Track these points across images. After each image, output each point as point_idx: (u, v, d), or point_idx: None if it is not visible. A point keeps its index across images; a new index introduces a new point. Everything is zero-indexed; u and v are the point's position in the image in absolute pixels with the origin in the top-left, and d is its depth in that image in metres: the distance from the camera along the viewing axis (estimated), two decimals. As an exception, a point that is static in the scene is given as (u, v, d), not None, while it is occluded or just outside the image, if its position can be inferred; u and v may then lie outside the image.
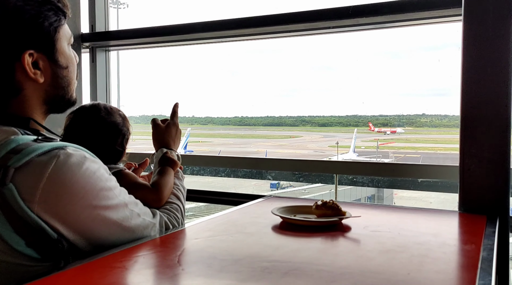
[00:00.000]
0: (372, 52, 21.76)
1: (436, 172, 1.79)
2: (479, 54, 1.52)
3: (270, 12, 2.23)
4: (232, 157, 2.22)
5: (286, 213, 1.36)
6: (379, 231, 1.22)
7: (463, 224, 1.37)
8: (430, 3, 1.83)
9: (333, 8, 2.04)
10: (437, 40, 17.75)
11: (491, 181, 1.49)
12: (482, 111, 1.52)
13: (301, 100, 31.88)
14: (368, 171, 1.99)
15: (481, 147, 1.51)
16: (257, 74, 30.78)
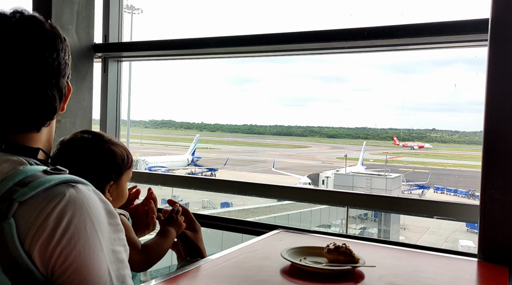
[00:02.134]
0: (382, 65, 21.79)
1: (454, 211, 1.70)
2: (506, 84, 1.46)
3: (285, 30, 2.19)
4: (237, 182, 2.15)
5: (296, 255, 1.29)
6: (395, 284, 1.14)
7: (483, 278, 1.29)
8: (450, 28, 1.77)
9: (349, 28, 1.99)
10: (446, 55, 17.80)
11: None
12: (507, 148, 1.44)
13: (311, 111, 31.78)
14: (381, 205, 1.91)
15: (504, 190, 1.43)
16: (267, 83, 30.84)
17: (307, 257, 1.28)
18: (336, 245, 1.25)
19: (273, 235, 1.56)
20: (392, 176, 14.64)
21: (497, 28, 1.48)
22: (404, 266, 1.32)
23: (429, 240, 13.54)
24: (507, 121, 1.44)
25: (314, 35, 2.06)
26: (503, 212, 1.42)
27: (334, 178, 16.34)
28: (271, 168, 21.13)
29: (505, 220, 1.41)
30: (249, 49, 2.31)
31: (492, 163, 1.46)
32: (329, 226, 11.75)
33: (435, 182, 15.80)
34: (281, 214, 12.34)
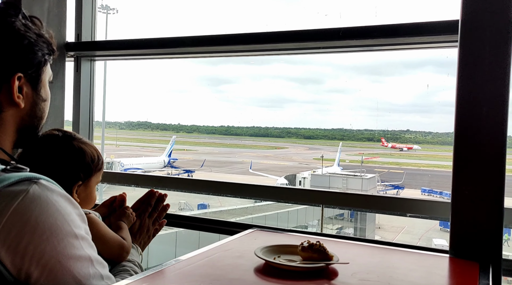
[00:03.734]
0: (356, 66, 22.05)
1: (426, 208, 1.73)
2: (474, 85, 1.48)
3: (260, 30, 2.18)
4: (211, 181, 2.13)
5: (270, 253, 1.28)
6: (368, 280, 1.14)
7: (454, 273, 1.31)
8: (423, 29, 1.80)
9: (324, 29, 2.00)
10: (418, 57, 18.25)
11: (484, 224, 1.43)
12: (477, 147, 1.47)
13: (288, 112, 32.02)
14: (356, 203, 1.92)
15: (474, 187, 1.46)
16: (244, 84, 30.82)
17: (281, 255, 1.27)
18: (310, 243, 1.24)
19: (248, 234, 1.55)
20: (367, 176, 14.85)
21: (466, 29, 1.50)
22: (378, 262, 1.33)
23: (404, 239, 13.79)
24: (477, 121, 1.47)
25: (290, 35, 2.07)
26: (473, 209, 1.44)
27: (311, 179, 16.47)
28: (248, 169, 21.14)
29: (475, 217, 1.44)
30: (225, 48, 2.30)
31: (462, 161, 1.48)
32: (306, 227, 11.83)
33: (409, 182, 16.09)
34: (258, 215, 12.34)
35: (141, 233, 1.39)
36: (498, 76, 1.46)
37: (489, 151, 1.45)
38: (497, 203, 1.43)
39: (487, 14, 1.47)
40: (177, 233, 8.00)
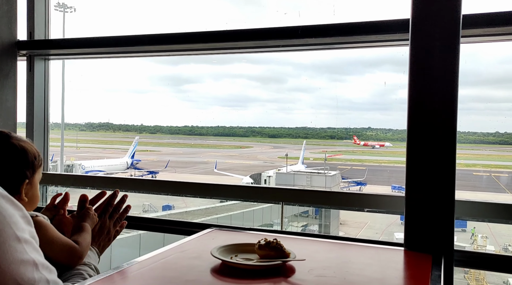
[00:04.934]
0: (316, 65, 22.40)
1: (383, 202, 1.76)
2: (425, 82, 1.52)
3: (220, 28, 2.16)
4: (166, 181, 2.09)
5: (227, 253, 1.26)
6: (325, 276, 1.14)
7: (408, 266, 1.33)
8: (378, 27, 1.83)
9: (283, 27, 2.01)
10: (376, 55, 18.78)
11: (436, 217, 1.47)
12: (428, 143, 1.50)
13: (251, 111, 32.07)
14: (316, 199, 1.93)
15: (426, 182, 1.49)
16: (206, 84, 30.57)
17: (238, 255, 1.26)
18: (267, 241, 1.24)
19: (206, 234, 1.53)
20: (331, 174, 15.08)
21: (416, 28, 1.54)
22: (335, 258, 1.34)
23: (367, 234, 14.09)
24: (428, 118, 1.51)
25: (249, 33, 2.06)
26: (425, 202, 1.48)
27: (275, 177, 16.55)
28: (213, 169, 21.01)
29: (428, 210, 1.48)
30: (184, 47, 2.27)
31: (415, 157, 1.52)
32: (272, 225, 11.87)
33: (371, 179, 16.45)
34: (224, 215, 12.28)
35: (101, 235, 1.35)
36: (447, 73, 1.50)
37: (440, 146, 1.49)
38: (449, 197, 1.47)
39: (436, 12, 1.51)
40: (141, 235, 7.85)
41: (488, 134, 13.74)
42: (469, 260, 1.61)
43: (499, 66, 15.40)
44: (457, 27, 1.50)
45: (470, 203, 1.67)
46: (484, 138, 14.10)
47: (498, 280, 9.18)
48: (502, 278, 8.88)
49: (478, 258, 1.65)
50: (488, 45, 1.94)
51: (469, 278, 9.23)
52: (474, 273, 9.02)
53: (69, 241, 1.19)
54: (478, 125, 17.54)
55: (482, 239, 10.18)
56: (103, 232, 1.35)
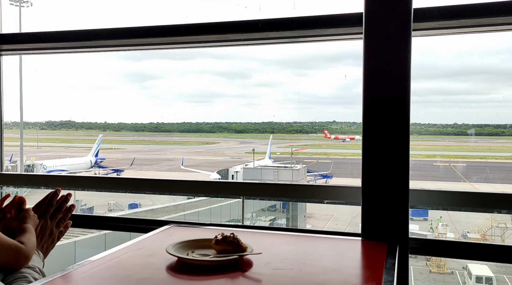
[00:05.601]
0: (279, 60, 22.53)
1: (341, 193, 1.78)
2: (378, 75, 1.54)
3: (180, 22, 2.12)
4: (120, 178, 2.04)
5: (183, 249, 1.24)
6: (281, 269, 1.14)
7: (365, 255, 1.35)
8: (335, 21, 1.84)
9: (243, 20, 1.99)
10: (338, 50, 19.11)
11: (392, 206, 1.49)
12: (382, 136, 1.53)
13: (218, 107, 31.89)
14: (275, 192, 1.93)
15: (381, 173, 1.52)
16: (170, 80, 30.14)
17: (195, 251, 1.24)
18: (224, 236, 1.22)
19: (163, 231, 1.50)
20: (297, 167, 15.23)
21: (369, 21, 1.55)
22: (293, 250, 1.34)
23: (333, 226, 14.36)
24: (382, 111, 1.53)
25: (210, 27, 2.03)
26: (381, 193, 1.50)
27: (243, 172, 16.57)
28: (180, 166, 20.81)
29: (383, 200, 1.50)
30: (143, 41, 2.21)
31: (370, 149, 1.54)
32: (240, 220, 11.89)
33: (335, 172, 16.72)
34: (191, 212, 12.21)
35: (43, 237, 1.29)
36: (400, 66, 1.53)
37: (394, 138, 1.51)
38: (403, 186, 1.50)
39: (388, 6, 1.53)
40: (106, 235, 7.68)
41: (447, 125, 14.22)
42: (424, 248, 1.65)
43: (455, 60, 15.95)
44: (408, 21, 1.52)
45: (425, 191, 1.72)
46: (443, 129, 14.58)
47: (458, 266, 9.56)
48: (462, 263, 9.26)
49: (432, 245, 1.69)
50: (444, 39, 1.99)
51: (431, 265, 9.56)
52: (436, 260, 9.35)
53: (13, 241, 1.13)
54: (437, 117, 18.14)
55: (442, 227, 10.56)
56: (45, 234, 1.29)
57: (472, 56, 10.03)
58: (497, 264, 8.14)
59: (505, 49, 10.57)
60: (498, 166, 14.18)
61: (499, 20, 1.64)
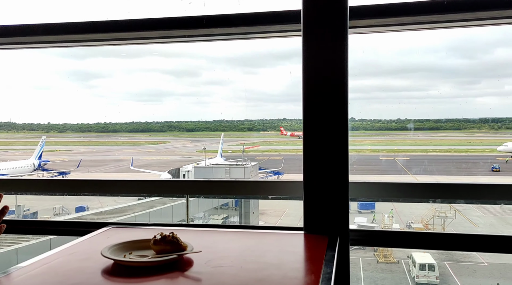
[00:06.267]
0: (229, 58, 22.52)
1: (284, 188, 1.79)
2: (317, 72, 1.56)
3: (122, 17, 2.04)
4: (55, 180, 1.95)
5: (120, 251, 1.20)
6: (221, 266, 1.13)
7: (305, 249, 1.37)
8: (275, 18, 1.84)
9: (187, 16, 1.95)
10: (285, 48, 19.41)
11: (332, 200, 1.52)
12: (321, 132, 1.55)
13: (167, 106, 31.31)
14: (220, 190, 1.92)
15: (320, 168, 1.54)
16: (117, 78, 29.19)
17: (133, 252, 1.20)
18: (162, 235, 1.19)
19: (100, 233, 1.44)
20: (249, 165, 15.28)
21: (307, 19, 1.57)
22: (234, 247, 1.33)
23: (285, 222, 14.55)
24: (321, 107, 1.55)
25: (153, 23, 1.97)
26: (321, 187, 1.53)
27: (194, 171, 16.42)
28: (129, 167, 20.29)
29: (324, 194, 1.53)
30: (83, 37, 2.11)
31: (310, 145, 1.56)
32: (192, 220, 11.77)
33: (287, 168, 16.95)
34: (142, 213, 11.94)
35: None
36: (338, 63, 1.56)
37: (334, 133, 1.54)
38: (343, 180, 1.53)
39: (324, 3, 1.55)
40: (51, 240, 7.35)
41: (391, 121, 14.81)
42: (365, 239, 1.70)
43: (397, 58, 16.62)
44: (344, 18, 1.55)
45: (365, 184, 1.76)
46: (388, 125, 15.16)
47: (403, 255, 9.97)
48: (407, 253, 9.67)
49: (372, 236, 1.74)
50: (385, 37, 2.04)
51: (378, 256, 9.92)
52: (383, 251, 9.72)
53: None
54: (382, 113, 18.81)
55: (388, 219, 10.98)
56: None
57: (412, 54, 10.53)
58: (439, 252, 8.58)
59: (441, 47, 11.20)
60: (438, 158, 14.94)
61: (434, 18, 1.71)
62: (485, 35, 8.77)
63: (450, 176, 12.79)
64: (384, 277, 9.46)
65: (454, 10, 1.66)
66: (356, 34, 1.77)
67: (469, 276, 8.96)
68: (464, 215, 10.60)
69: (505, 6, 1.62)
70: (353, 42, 1.77)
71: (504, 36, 7.89)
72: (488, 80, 11.74)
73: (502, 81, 11.01)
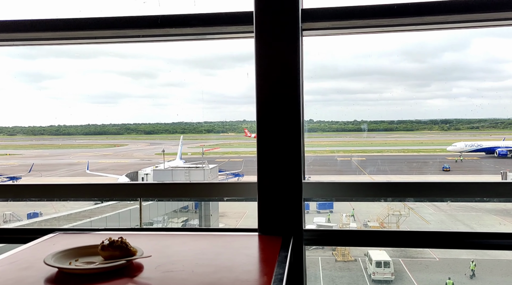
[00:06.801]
0: (187, 60, 22.21)
1: (239, 190, 1.78)
2: (270, 74, 1.56)
3: (73, 16, 1.97)
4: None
5: (65, 258, 1.15)
6: (172, 271, 1.10)
7: (259, 250, 1.36)
8: (230, 19, 1.83)
9: (142, 16, 1.91)
10: (243, 50, 19.40)
11: (286, 201, 1.52)
12: (274, 134, 1.55)
13: (124, 108, 30.62)
14: (174, 192, 1.88)
15: (275, 169, 1.54)
16: (71, 80, 28.13)
17: (79, 259, 1.16)
18: (111, 241, 1.15)
19: (46, 240, 1.37)
20: (209, 167, 15.17)
21: (259, 20, 1.57)
22: (187, 251, 1.31)
23: (246, 223, 14.57)
24: (273, 109, 1.55)
25: (106, 22, 1.92)
26: (275, 188, 1.53)
27: (153, 174, 16.14)
28: (85, 170, 19.68)
29: (278, 195, 1.53)
30: (31, 36, 2.02)
31: (264, 146, 1.56)
32: (152, 223, 11.55)
33: (247, 170, 16.98)
34: (98, 218, 11.59)
35: None
36: (291, 65, 1.56)
37: (287, 134, 1.55)
38: (297, 180, 1.54)
39: (277, 5, 1.56)
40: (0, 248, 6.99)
41: (348, 122, 15.13)
42: (319, 238, 1.71)
43: (353, 61, 17.07)
44: (296, 20, 1.56)
45: (319, 184, 1.78)
46: (345, 126, 15.49)
47: (360, 253, 10.21)
48: (364, 251, 9.91)
49: (327, 235, 1.76)
50: (341, 41, 2.07)
51: (336, 255, 10.11)
52: (341, 249, 9.91)
53: None
54: (339, 115, 19.20)
55: (346, 218, 11.21)
56: None
57: (367, 58, 10.87)
58: (394, 249, 8.85)
59: (394, 52, 11.61)
60: (392, 158, 15.42)
61: (385, 21, 1.75)
62: (433, 40, 9.21)
63: (402, 175, 13.23)
64: (342, 275, 9.65)
65: (404, 14, 1.71)
66: (312, 36, 1.79)
67: (422, 271, 9.30)
68: (417, 213, 10.99)
69: (450, 11, 1.69)
70: (309, 44, 1.79)
71: (450, 41, 8.34)
72: (437, 83, 12.29)
73: (450, 84, 11.60)
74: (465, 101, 11.34)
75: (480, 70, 9.71)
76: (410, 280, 9.01)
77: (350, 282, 9.65)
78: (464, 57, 9.92)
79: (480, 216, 10.31)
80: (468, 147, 10.97)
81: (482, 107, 8.41)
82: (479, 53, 9.25)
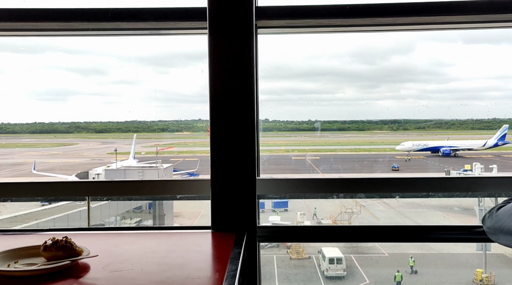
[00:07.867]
0: (139, 57, 21.69)
1: (192, 187, 1.75)
2: (223, 69, 1.55)
3: (15, 6, 1.85)
4: None
5: (4, 260, 1.08)
6: (121, 270, 1.07)
7: (212, 247, 1.35)
8: (183, 14, 1.80)
9: (91, 8, 1.83)
10: (196, 49, 18.99)
11: (239, 198, 1.52)
12: (227, 132, 1.54)
13: (73, 105, 29.43)
14: (125, 191, 1.82)
15: (230, 164, 1.53)
16: (14, 75, 26.69)
17: (19, 261, 1.09)
18: (54, 241, 1.10)
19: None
20: (164, 166, 14.91)
21: (213, 16, 1.55)
22: (136, 250, 1.27)
23: (202, 222, 14.39)
24: (226, 107, 1.54)
25: (52, 13, 1.82)
26: (228, 185, 1.52)
27: (105, 174, 15.65)
28: (31, 171, 18.79)
29: (231, 192, 1.52)
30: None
31: (218, 143, 1.55)
32: (103, 225, 11.20)
33: (202, 169, 16.85)
34: (46, 219, 11.09)
35: None
36: (245, 63, 1.56)
37: (241, 132, 1.54)
38: (251, 177, 1.54)
39: (230, 1, 1.54)
40: None
41: (302, 122, 15.39)
42: (273, 235, 1.72)
43: (306, 61, 17.41)
44: (250, 18, 1.56)
45: (273, 180, 1.79)
46: (300, 126, 15.76)
47: (314, 250, 10.40)
48: (318, 248, 10.10)
49: (281, 232, 1.77)
50: (296, 42, 2.08)
51: (291, 253, 10.23)
52: (295, 247, 10.04)
53: None
54: (294, 114, 19.44)
55: (300, 216, 11.36)
56: None
57: (320, 58, 11.08)
58: (346, 245, 9.08)
59: (345, 53, 11.97)
60: (344, 157, 15.85)
61: (337, 22, 1.78)
62: (382, 43, 9.56)
63: (354, 173, 13.61)
64: (297, 273, 9.78)
65: (355, 15, 1.75)
66: (266, 34, 1.79)
67: (372, 266, 9.60)
68: (368, 210, 11.35)
69: (399, 13, 1.75)
70: (264, 43, 1.79)
71: (398, 44, 8.71)
72: (386, 84, 12.75)
73: (398, 85, 12.06)
74: (413, 102, 11.84)
75: (426, 73, 10.17)
76: (361, 275, 9.28)
77: (304, 279, 9.80)
78: (410, 60, 10.34)
79: (425, 212, 10.79)
80: (415, 146, 11.46)
81: (428, 107, 8.80)
82: (424, 56, 9.68)
